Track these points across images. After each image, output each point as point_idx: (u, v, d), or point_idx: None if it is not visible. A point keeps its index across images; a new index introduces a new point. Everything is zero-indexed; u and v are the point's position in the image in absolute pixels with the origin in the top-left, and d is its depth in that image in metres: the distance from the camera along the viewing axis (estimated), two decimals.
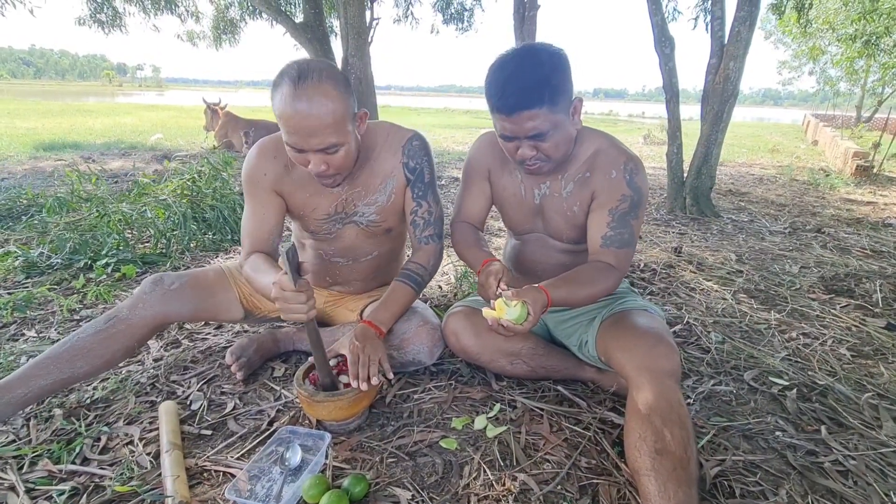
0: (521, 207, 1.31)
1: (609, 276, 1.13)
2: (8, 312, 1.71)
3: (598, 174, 1.17)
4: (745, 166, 6.68)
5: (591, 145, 1.20)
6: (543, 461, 1.09)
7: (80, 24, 7.58)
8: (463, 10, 8.42)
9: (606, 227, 1.16)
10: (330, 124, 1.04)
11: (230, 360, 1.38)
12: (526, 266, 1.41)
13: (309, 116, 1.02)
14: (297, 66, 1.04)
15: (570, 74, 1.07)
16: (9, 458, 1.05)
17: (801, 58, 16.35)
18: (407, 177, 1.30)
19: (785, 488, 1.03)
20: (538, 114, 1.03)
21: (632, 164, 1.16)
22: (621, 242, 1.15)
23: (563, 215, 1.25)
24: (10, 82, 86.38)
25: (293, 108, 1.01)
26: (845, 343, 1.68)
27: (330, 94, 1.03)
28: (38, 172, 4.47)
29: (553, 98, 1.03)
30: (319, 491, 0.93)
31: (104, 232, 2.36)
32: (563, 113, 1.07)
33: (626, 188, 1.15)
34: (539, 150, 1.10)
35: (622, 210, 1.15)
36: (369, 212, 1.31)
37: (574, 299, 1.11)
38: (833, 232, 3.18)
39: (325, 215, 1.30)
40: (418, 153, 1.30)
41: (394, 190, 1.30)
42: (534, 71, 1.02)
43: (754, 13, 3.25)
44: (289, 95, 1.02)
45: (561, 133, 1.09)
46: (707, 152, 3.53)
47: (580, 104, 1.11)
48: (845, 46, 9.78)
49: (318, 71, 1.04)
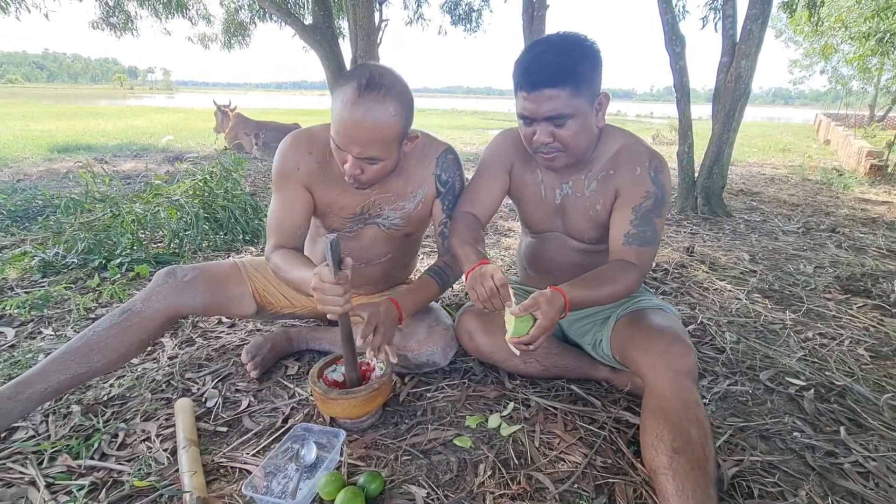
0: (541, 206, 1.30)
1: (630, 274, 1.10)
2: (26, 311, 1.73)
3: (622, 171, 1.16)
4: (756, 166, 6.61)
5: (614, 143, 1.19)
6: (558, 460, 1.08)
7: (94, 27, 7.68)
8: (471, 10, 8.41)
9: (629, 225, 1.13)
10: (378, 140, 1.05)
11: (246, 358, 1.38)
12: (542, 265, 1.40)
13: (361, 128, 1.02)
14: (370, 72, 1.03)
15: (598, 68, 1.06)
16: (28, 453, 1.07)
17: (813, 56, 16.14)
18: (438, 189, 1.31)
19: (804, 489, 1.01)
20: (559, 94, 1.02)
21: (656, 161, 1.15)
22: (643, 240, 1.13)
23: (585, 215, 1.23)
24: (24, 86, 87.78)
25: (350, 113, 1.01)
26: (863, 343, 1.65)
27: (388, 112, 1.03)
28: (52, 174, 4.54)
29: (576, 84, 1.02)
30: (335, 488, 0.93)
31: (118, 232, 2.38)
32: (586, 103, 1.05)
33: (650, 185, 1.13)
34: (556, 139, 1.08)
35: (646, 207, 1.13)
36: (394, 216, 1.31)
37: (594, 299, 1.09)
38: (848, 232, 3.13)
39: (351, 214, 1.30)
40: (451, 166, 1.31)
41: (423, 199, 1.31)
42: (562, 54, 1.02)
43: (766, 11, 3.22)
44: (350, 101, 1.01)
45: (580, 123, 1.07)
46: (719, 152, 3.50)
47: (606, 100, 1.10)
48: (858, 44, 9.65)
49: (387, 86, 1.03)
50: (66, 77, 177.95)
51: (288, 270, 1.16)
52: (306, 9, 7.00)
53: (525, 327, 0.99)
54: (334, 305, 0.98)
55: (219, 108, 7.08)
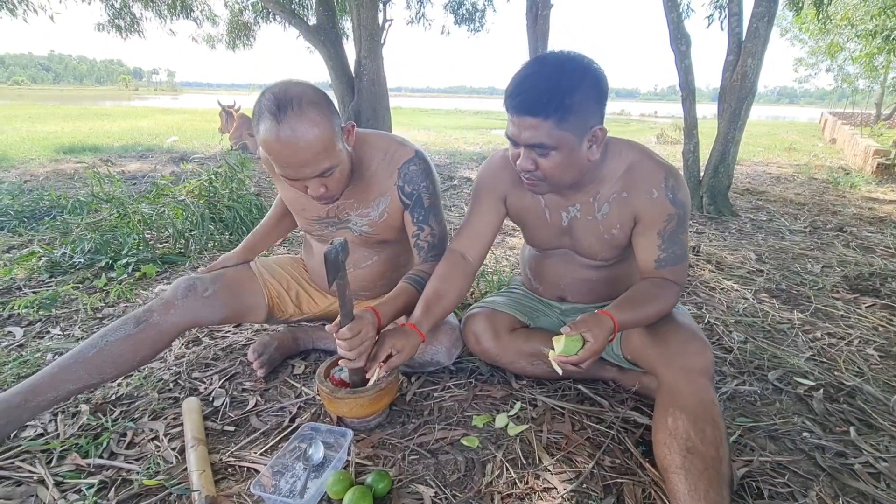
0: (546, 228, 1.24)
1: (670, 290, 1.08)
2: (34, 310, 1.74)
3: (638, 194, 1.09)
4: (761, 165, 6.57)
5: (622, 161, 1.11)
6: (566, 460, 1.08)
7: (100, 29, 7.72)
8: (475, 10, 8.41)
9: (658, 251, 1.09)
10: (321, 151, 1.01)
11: (252, 357, 1.39)
12: (548, 279, 1.36)
13: (298, 149, 0.99)
14: (274, 96, 0.99)
15: (595, 99, 0.97)
16: (37, 451, 1.07)
17: (819, 54, 16.05)
18: (403, 201, 1.25)
19: (814, 490, 1.01)
20: (540, 124, 0.94)
21: (672, 179, 1.08)
22: (675, 260, 1.10)
23: (598, 237, 1.17)
24: (30, 87, 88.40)
25: (279, 142, 0.98)
26: (872, 343, 1.64)
27: (314, 120, 0.99)
28: (59, 174, 4.57)
29: (562, 115, 0.93)
30: (343, 487, 0.93)
31: (124, 232, 2.40)
32: (574, 135, 0.96)
33: (670, 207, 1.07)
34: (538, 167, 1.01)
35: (670, 230, 1.08)
36: (361, 222, 1.29)
37: (639, 320, 1.05)
38: (855, 231, 3.11)
39: (316, 217, 1.29)
40: (416, 177, 1.23)
41: (387, 209, 1.26)
42: (552, 79, 0.93)
43: (772, 9, 3.20)
44: (272, 130, 0.97)
45: (565, 156, 0.99)
46: (724, 150, 3.48)
47: (602, 134, 1.00)
48: (865, 42, 9.59)
49: (297, 98, 0.99)
50: (72, 78, 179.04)
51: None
52: (310, 9, 7.02)
53: (575, 347, 0.96)
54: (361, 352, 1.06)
55: (223, 108, 7.10)
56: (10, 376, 1.35)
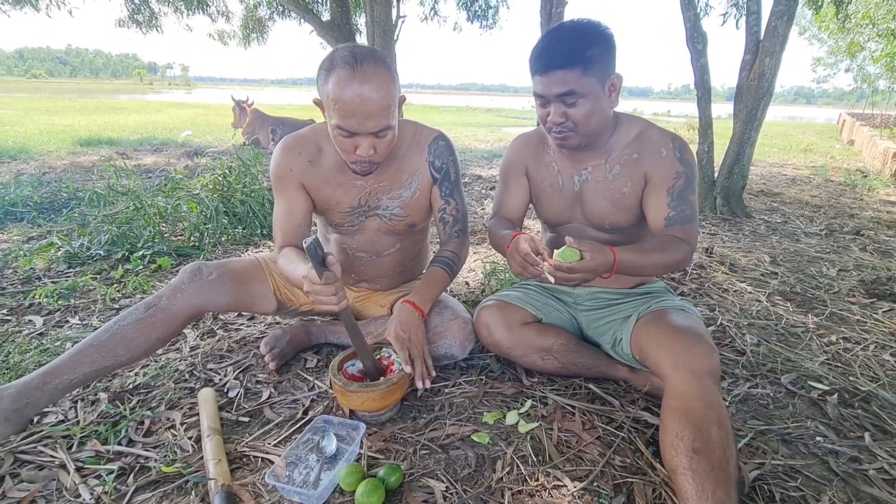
0: (558, 196, 1.31)
1: (679, 247, 1.12)
2: (54, 300, 1.78)
3: (648, 154, 1.19)
4: (776, 166, 6.48)
5: (632, 128, 1.22)
6: (577, 458, 1.08)
7: (120, 25, 7.82)
8: (488, 7, 8.37)
9: (667, 208, 1.16)
10: (387, 107, 1.08)
11: (264, 350, 1.41)
12: None
13: (369, 100, 1.04)
14: (350, 50, 1.07)
15: (610, 52, 1.10)
16: (58, 437, 1.10)
17: (838, 54, 15.73)
18: (433, 175, 1.33)
19: (827, 495, 1.00)
20: (569, 74, 1.06)
21: (679, 141, 1.18)
22: (685, 219, 1.15)
23: (609, 199, 1.24)
24: (48, 81, 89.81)
25: (353, 91, 1.03)
26: (889, 349, 1.62)
27: (385, 78, 1.07)
28: (76, 167, 4.64)
29: (586, 64, 1.06)
30: (356, 479, 0.95)
31: (140, 225, 2.44)
32: (597, 84, 1.09)
33: (678, 165, 1.16)
34: (568, 118, 1.11)
35: (679, 187, 1.16)
36: (393, 205, 1.33)
37: (641, 265, 1.09)
38: (873, 234, 3.06)
39: (350, 208, 1.32)
40: (444, 153, 1.32)
41: (419, 186, 1.32)
42: (573, 38, 1.08)
43: (792, 7, 3.15)
44: (347, 79, 1.03)
45: (592, 103, 1.10)
46: (740, 151, 3.44)
47: (619, 81, 1.12)
48: (886, 42, 9.39)
49: (372, 55, 1.07)
50: (88, 72, 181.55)
51: (288, 271, 1.20)
52: (324, 5, 7.04)
53: (571, 257, 1.00)
54: (329, 304, 1.01)
55: (237, 103, 7.17)
56: (32, 363, 1.38)
